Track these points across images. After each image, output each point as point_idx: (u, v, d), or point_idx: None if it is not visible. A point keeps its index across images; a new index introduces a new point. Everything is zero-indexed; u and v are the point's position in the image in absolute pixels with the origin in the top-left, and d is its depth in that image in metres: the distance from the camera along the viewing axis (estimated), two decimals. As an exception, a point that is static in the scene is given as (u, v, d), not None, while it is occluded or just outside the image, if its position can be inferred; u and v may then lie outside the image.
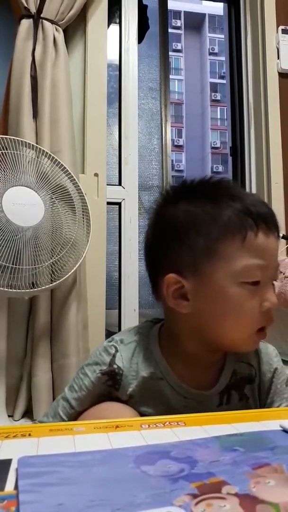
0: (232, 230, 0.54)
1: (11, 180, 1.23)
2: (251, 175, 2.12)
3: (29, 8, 1.52)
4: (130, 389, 0.60)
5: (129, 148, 1.90)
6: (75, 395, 0.62)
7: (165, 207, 0.62)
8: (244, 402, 0.62)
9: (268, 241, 0.55)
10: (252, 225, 0.54)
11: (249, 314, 0.55)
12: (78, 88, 1.71)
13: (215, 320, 0.56)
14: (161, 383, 0.61)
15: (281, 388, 0.64)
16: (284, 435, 0.40)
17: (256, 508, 0.27)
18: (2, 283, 1.18)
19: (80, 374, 0.63)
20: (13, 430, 0.41)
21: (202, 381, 0.62)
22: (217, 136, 24.26)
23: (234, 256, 0.54)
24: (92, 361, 0.63)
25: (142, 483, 0.30)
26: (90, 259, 1.57)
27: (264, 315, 0.56)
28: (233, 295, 0.54)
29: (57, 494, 0.29)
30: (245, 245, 0.54)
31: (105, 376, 0.61)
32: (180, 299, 0.57)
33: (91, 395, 0.61)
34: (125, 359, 0.61)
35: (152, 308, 2.30)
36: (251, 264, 0.54)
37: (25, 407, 1.42)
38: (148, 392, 0.60)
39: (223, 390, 0.62)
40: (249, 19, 2.18)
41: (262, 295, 0.55)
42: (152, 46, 2.40)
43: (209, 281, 0.55)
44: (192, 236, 0.56)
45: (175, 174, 20.90)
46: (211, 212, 0.55)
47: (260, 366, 0.65)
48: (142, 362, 0.61)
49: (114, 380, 0.61)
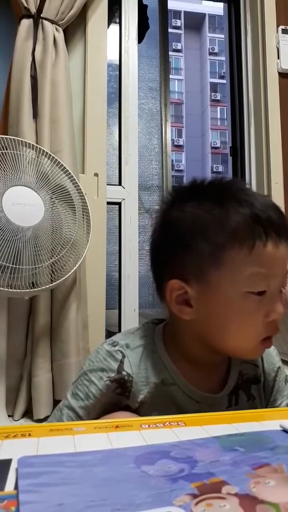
0: (239, 238, 0.52)
1: (11, 180, 1.23)
2: (251, 175, 2.12)
3: (29, 8, 1.52)
4: (142, 396, 0.58)
5: (129, 148, 1.90)
6: (81, 403, 0.58)
7: (171, 209, 0.59)
8: (251, 402, 0.63)
9: (278, 251, 0.53)
10: (261, 233, 0.52)
11: (253, 325, 0.54)
12: (78, 88, 1.71)
13: (218, 328, 0.55)
14: (172, 389, 0.59)
15: (282, 386, 0.66)
16: (284, 435, 0.40)
17: (256, 508, 0.27)
18: (2, 283, 1.18)
19: (84, 381, 0.59)
20: (13, 430, 0.41)
21: (211, 384, 0.61)
22: (217, 136, 24.26)
23: (240, 265, 0.52)
24: (96, 367, 0.59)
25: (142, 483, 0.30)
26: (90, 259, 1.57)
27: (269, 326, 0.54)
28: (238, 305, 0.53)
29: (57, 494, 0.29)
30: (253, 255, 0.52)
31: (114, 383, 0.58)
32: (183, 305, 0.56)
33: (99, 403, 0.58)
34: (133, 365, 0.59)
35: (152, 308, 2.30)
36: (257, 273, 0.52)
37: (25, 407, 1.43)
38: (160, 398, 0.59)
39: (231, 391, 0.62)
40: (249, 19, 2.18)
41: (268, 305, 0.53)
42: (152, 46, 2.40)
43: (213, 289, 0.54)
44: (198, 242, 0.54)
45: (175, 174, 20.90)
46: (219, 217, 0.53)
47: (264, 366, 0.65)
48: (151, 367, 0.59)
49: (124, 388, 0.58)
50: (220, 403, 0.60)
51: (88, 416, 0.58)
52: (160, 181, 2.41)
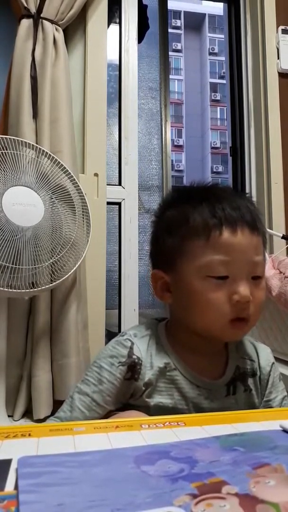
0: (196, 229, 0.60)
1: (11, 180, 1.23)
2: (251, 175, 2.12)
3: (29, 8, 1.52)
4: (147, 378, 0.63)
5: (129, 148, 1.90)
6: (95, 388, 0.62)
7: (159, 214, 0.69)
8: (248, 393, 0.67)
9: (235, 238, 0.59)
10: (217, 224, 0.59)
11: (215, 306, 0.59)
12: (78, 88, 1.71)
13: (188, 308, 0.62)
14: (174, 373, 0.64)
15: (276, 382, 0.71)
16: (284, 435, 0.40)
17: (256, 508, 0.27)
18: (2, 283, 1.18)
19: (93, 367, 0.64)
20: (13, 430, 0.41)
21: (210, 371, 0.66)
22: (217, 136, 24.25)
23: (199, 253, 0.60)
24: (105, 355, 0.64)
25: (142, 483, 0.30)
26: (90, 259, 1.57)
27: (235, 307, 0.59)
28: (198, 287, 0.60)
29: (57, 494, 0.29)
30: (209, 243, 0.59)
31: (125, 367, 0.62)
32: (166, 292, 0.65)
33: (115, 390, 0.62)
34: (142, 350, 0.64)
35: (152, 308, 2.31)
36: (214, 259, 0.59)
37: (25, 407, 1.42)
38: (163, 382, 0.63)
39: (229, 381, 0.66)
40: (249, 19, 2.18)
41: (231, 288, 0.59)
42: (152, 46, 2.40)
43: (180, 275, 0.62)
44: (168, 237, 0.64)
45: (175, 174, 20.88)
46: (185, 215, 0.62)
47: (259, 361, 0.70)
48: (155, 354, 0.65)
49: (134, 371, 0.62)
50: (218, 390, 0.65)
51: (104, 402, 0.62)
52: (160, 181, 2.41)
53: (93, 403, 0.61)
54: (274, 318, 1.32)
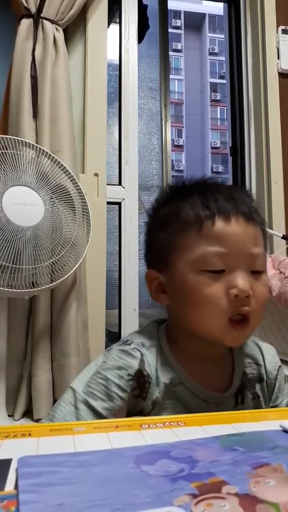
0: (189, 222, 0.56)
1: (11, 180, 1.23)
2: (251, 175, 2.12)
3: (29, 7, 1.52)
4: (154, 396, 0.58)
5: (129, 148, 1.90)
6: (105, 404, 0.54)
7: (153, 212, 0.66)
8: (256, 401, 0.63)
9: (229, 227, 0.55)
10: (209, 215, 0.55)
11: (212, 302, 0.54)
12: (78, 88, 1.71)
13: (184, 308, 0.57)
14: (180, 389, 0.59)
15: (283, 385, 0.66)
16: (284, 435, 0.40)
17: (256, 508, 0.27)
18: (2, 283, 1.18)
19: (98, 379, 0.56)
20: (13, 430, 0.41)
21: (217, 383, 0.61)
22: (217, 136, 24.26)
23: (191, 246, 0.56)
24: (111, 366, 0.57)
25: (142, 483, 0.30)
26: (90, 259, 1.57)
27: (234, 303, 0.54)
28: (192, 283, 0.55)
29: (57, 494, 0.29)
30: (202, 234, 0.55)
31: (134, 381, 0.56)
32: (161, 293, 0.61)
33: (125, 405, 0.56)
34: (152, 366, 0.58)
35: (152, 308, 2.30)
36: (208, 251, 0.54)
37: (25, 407, 1.43)
38: (169, 399, 0.58)
39: (237, 391, 0.62)
40: (249, 19, 2.18)
41: (228, 282, 0.54)
42: (152, 46, 2.40)
43: (174, 272, 0.58)
44: (160, 234, 0.61)
45: (175, 174, 20.88)
46: (177, 211, 0.59)
47: (266, 365, 0.65)
48: (161, 368, 0.59)
49: (143, 389, 0.57)
50: (227, 403, 0.60)
51: (113, 417, 0.55)
52: (160, 181, 2.41)
53: (101, 418, 0.54)
54: (274, 318, 1.32)
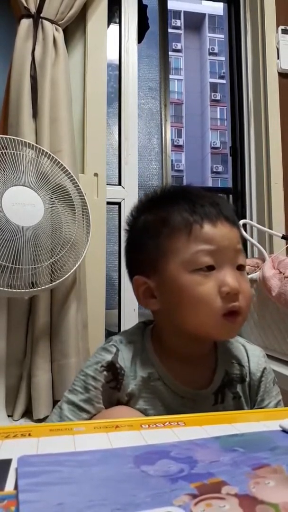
0: (178, 227, 0.60)
1: (11, 180, 1.23)
2: (251, 175, 2.12)
3: (29, 7, 1.52)
4: (129, 389, 0.62)
5: (129, 148, 1.90)
6: (82, 396, 0.61)
7: (132, 221, 0.68)
8: (237, 400, 0.65)
9: (216, 229, 0.59)
10: (197, 219, 0.59)
11: (205, 299, 0.57)
12: (78, 88, 1.71)
13: (178, 309, 0.60)
14: (157, 384, 0.62)
15: (269, 387, 0.67)
16: (284, 435, 0.40)
17: (255, 509, 0.27)
18: (2, 283, 1.18)
19: (80, 376, 0.63)
20: (13, 430, 0.41)
21: (197, 381, 0.64)
22: (217, 136, 24.26)
23: (182, 248, 0.59)
24: (91, 362, 0.64)
25: (142, 483, 0.30)
26: (90, 259, 1.57)
27: (226, 300, 0.57)
28: (186, 283, 0.58)
29: (57, 493, 0.29)
30: (192, 237, 0.59)
31: (109, 372, 0.61)
32: (150, 298, 0.64)
33: (102, 395, 0.61)
34: (126, 359, 0.63)
35: (152, 308, 2.30)
36: (199, 250, 0.58)
37: (25, 407, 1.42)
38: (146, 393, 0.62)
39: (217, 389, 0.64)
40: (249, 19, 2.18)
41: (219, 279, 0.58)
42: (152, 46, 2.40)
43: (165, 275, 0.60)
44: (148, 240, 0.62)
45: (175, 174, 20.89)
46: (163, 217, 0.61)
47: (250, 366, 0.67)
48: (140, 363, 0.63)
49: (117, 381, 0.62)
50: (205, 400, 0.63)
51: (94, 409, 0.61)
52: (160, 181, 2.41)
53: (82, 412, 0.61)
54: (274, 318, 1.32)
